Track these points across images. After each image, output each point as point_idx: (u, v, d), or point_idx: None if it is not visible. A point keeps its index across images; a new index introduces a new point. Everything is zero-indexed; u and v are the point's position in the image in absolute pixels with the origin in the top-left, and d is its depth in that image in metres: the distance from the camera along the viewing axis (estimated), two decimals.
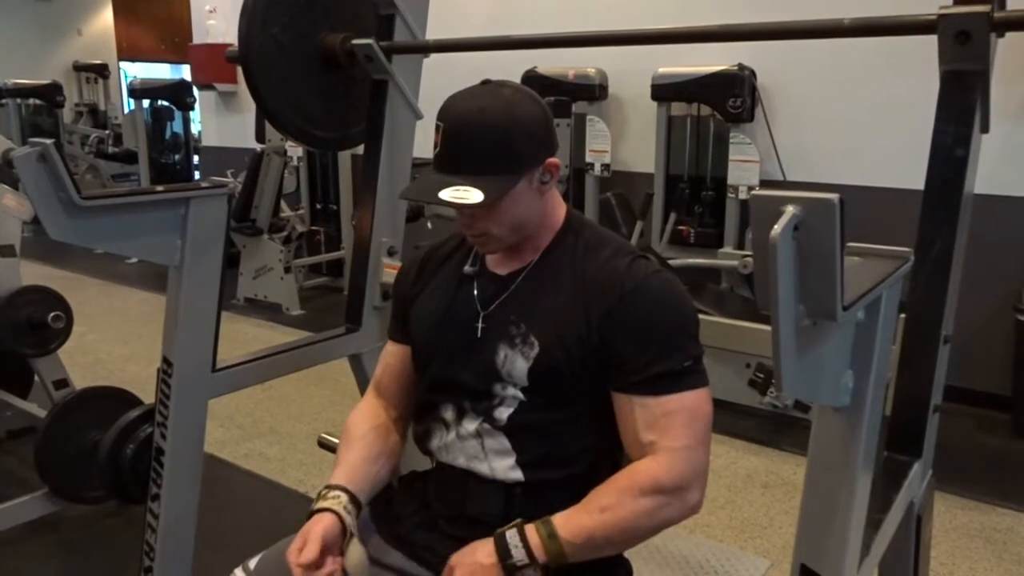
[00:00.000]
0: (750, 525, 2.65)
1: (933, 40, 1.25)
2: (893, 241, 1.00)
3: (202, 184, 1.64)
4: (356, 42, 1.93)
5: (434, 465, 1.31)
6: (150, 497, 1.68)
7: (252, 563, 1.28)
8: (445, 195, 1.14)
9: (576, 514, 1.12)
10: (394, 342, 1.40)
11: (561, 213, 1.28)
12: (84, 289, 5.73)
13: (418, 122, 2.06)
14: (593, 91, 4.21)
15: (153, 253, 1.59)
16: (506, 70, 1.25)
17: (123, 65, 10.92)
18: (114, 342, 4.61)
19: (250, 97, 1.95)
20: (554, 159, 1.21)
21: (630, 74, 4.14)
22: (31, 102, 8.28)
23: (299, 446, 3.24)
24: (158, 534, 1.68)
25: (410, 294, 1.37)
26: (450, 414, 1.26)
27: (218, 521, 2.36)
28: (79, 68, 10.05)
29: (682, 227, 4.06)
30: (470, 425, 1.23)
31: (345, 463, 1.27)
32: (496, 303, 1.25)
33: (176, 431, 1.64)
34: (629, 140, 4.39)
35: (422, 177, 1.23)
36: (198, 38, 6.44)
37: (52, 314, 2.63)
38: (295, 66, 1.97)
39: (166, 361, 1.64)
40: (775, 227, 0.67)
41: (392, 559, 1.27)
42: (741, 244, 3.96)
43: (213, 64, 6.00)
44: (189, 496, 1.71)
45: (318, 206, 5.77)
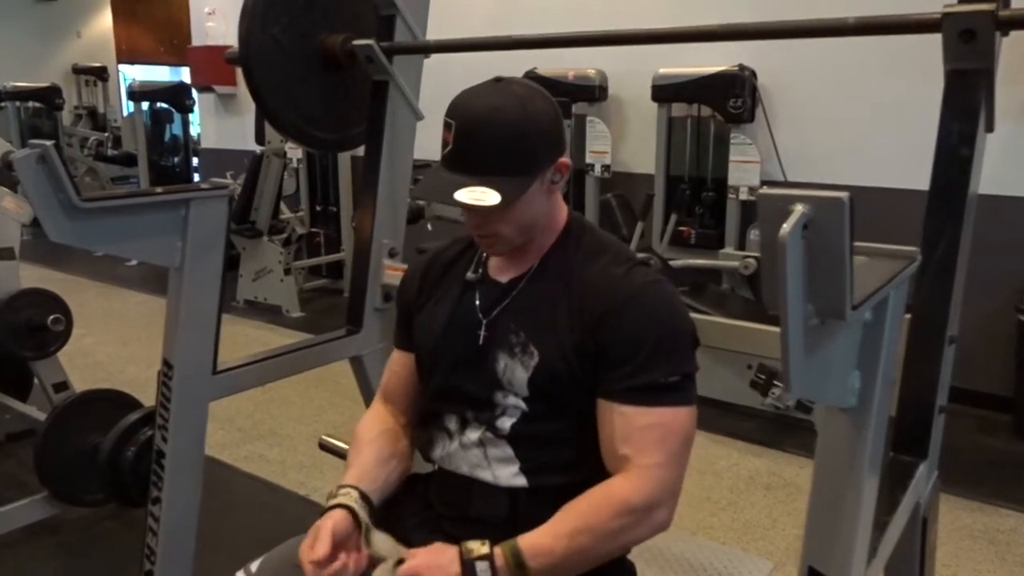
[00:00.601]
0: (753, 527, 2.64)
1: (933, 39, 1.25)
2: (895, 242, 0.99)
3: (202, 186, 1.63)
4: (357, 43, 1.93)
5: (436, 469, 1.31)
6: (151, 500, 1.68)
7: (254, 566, 1.27)
8: (461, 196, 1.12)
9: (543, 538, 1.09)
10: (400, 350, 1.39)
11: (563, 216, 1.26)
12: (83, 292, 5.72)
13: (419, 123, 2.06)
14: (593, 92, 4.21)
15: (153, 255, 1.59)
16: (506, 71, 1.23)
17: (122, 67, 10.90)
18: (114, 345, 4.60)
19: (249, 99, 1.94)
20: (565, 159, 1.19)
21: (630, 75, 4.14)
22: (30, 105, 8.26)
23: (300, 448, 3.24)
24: (159, 537, 1.67)
25: (415, 304, 1.36)
26: (453, 423, 1.25)
27: (219, 524, 2.35)
28: (78, 71, 10.03)
29: (683, 228, 4.05)
30: (473, 434, 1.22)
31: (356, 465, 1.26)
32: (497, 311, 1.24)
33: (177, 434, 1.64)
34: (629, 141, 4.38)
35: (433, 175, 1.19)
36: (197, 40, 6.44)
37: (51, 317, 2.62)
38: (295, 67, 1.96)
39: (166, 363, 1.64)
40: (784, 226, 0.67)
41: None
42: (742, 245, 3.95)
43: (212, 66, 5.99)
44: (190, 499, 1.70)
45: (318, 208, 5.76)
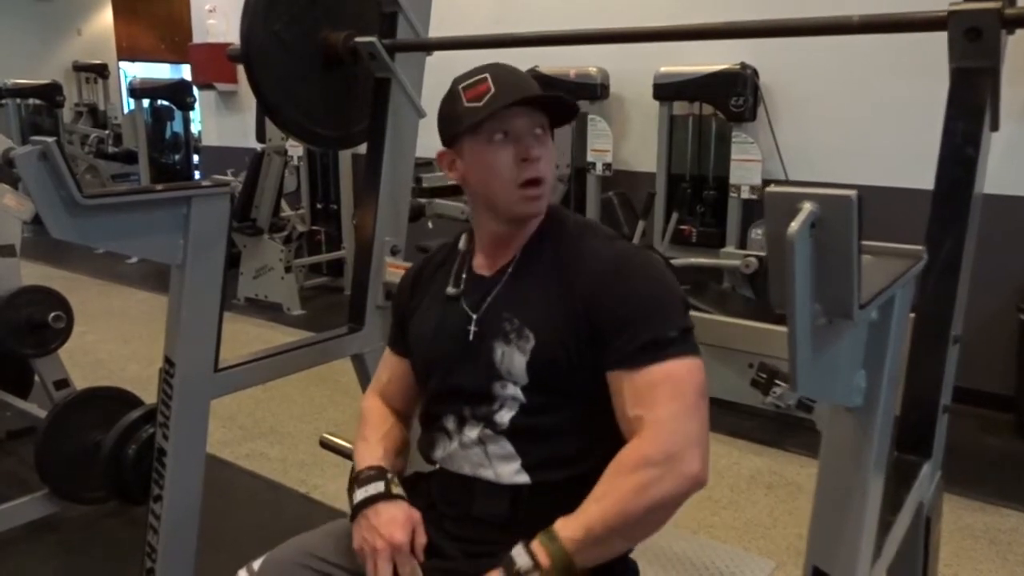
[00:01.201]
0: (754, 526, 2.64)
1: (938, 37, 1.24)
2: (898, 242, 0.99)
3: (204, 183, 1.62)
4: (359, 40, 1.92)
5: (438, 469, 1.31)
6: (152, 498, 1.67)
7: (256, 564, 1.27)
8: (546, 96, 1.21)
9: (575, 516, 1.09)
10: (394, 353, 1.42)
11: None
12: (84, 289, 5.72)
13: (421, 120, 2.05)
14: (595, 90, 4.20)
15: (155, 252, 1.59)
16: None
17: (123, 65, 10.89)
18: (115, 342, 4.60)
19: (250, 96, 1.94)
20: None
21: (632, 73, 4.13)
22: (31, 102, 8.27)
23: (300, 446, 3.23)
24: (160, 535, 1.66)
25: (408, 309, 1.38)
26: (451, 423, 1.26)
27: (220, 522, 2.35)
28: (79, 68, 10.03)
29: (684, 227, 4.05)
30: (472, 432, 1.22)
31: (377, 447, 1.31)
32: (486, 304, 1.25)
33: (178, 431, 1.63)
34: (631, 139, 4.38)
35: (488, 104, 1.18)
36: (198, 37, 6.43)
37: (52, 314, 2.62)
38: (297, 64, 1.96)
39: (168, 361, 1.63)
40: (792, 224, 0.66)
41: None
42: (743, 244, 3.95)
43: (213, 63, 5.99)
44: (191, 497, 1.69)
45: (319, 206, 5.75)
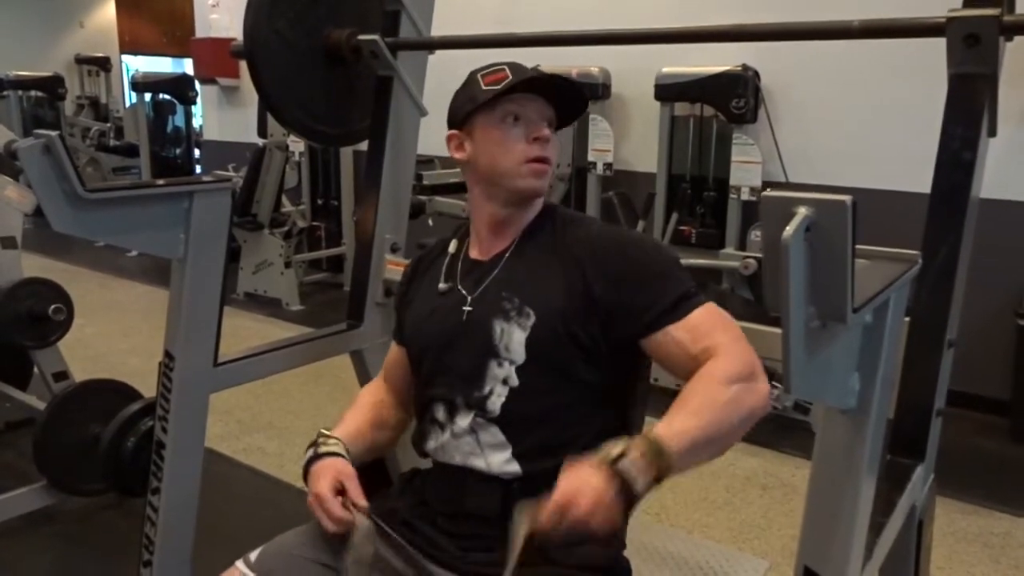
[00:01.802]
0: (748, 526, 2.65)
1: (937, 42, 1.25)
2: (895, 244, 1.00)
3: (206, 178, 1.63)
4: (362, 38, 1.93)
5: (432, 464, 1.32)
6: (150, 490, 1.68)
7: (253, 556, 1.28)
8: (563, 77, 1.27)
9: (672, 422, 1.06)
10: (396, 343, 1.47)
11: (540, 202, 1.34)
12: (84, 282, 5.72)
13: (422, 119, 2.06)
14: (597, 90, 4.20)
15: (156, 246, 1.59)
16: None
17: (125, 58, 10.90)
18: (114, 335, 4.61)
19: (252, 92, 1.95)
20: None
21: (633, 73, 4.14)
22: (33, 94, 8.25)
23: (298, 441, 3.23)
24: (158, 527, 1.67)
25: (404, 300, 1.43)
26: (442, 414, 1.27)
27: (216, 515, 2.35)
28: (81, 61, 10.03)
29: (684, 227, 4.05)
30: (463, 421, 1.23)
31: (351, 422, 1.39)
32: (483, 286, 1.28)
33: (177, 425, 1.64)
34: (632, 139, 4.39)
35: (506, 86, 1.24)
36: (200, 32, 6.44)
37: (53, 306, 2.62)
38: (300, 61, 1.96)
39: (168, 355, 1.64)
40: (787, 228, 0.67)
41: (389, 553, 1.26)
42: (743, 245, 3.95)
43: (215, 58, 5.99)
44: (189, 490, 1.70)
45: (319, 201, 5.76)
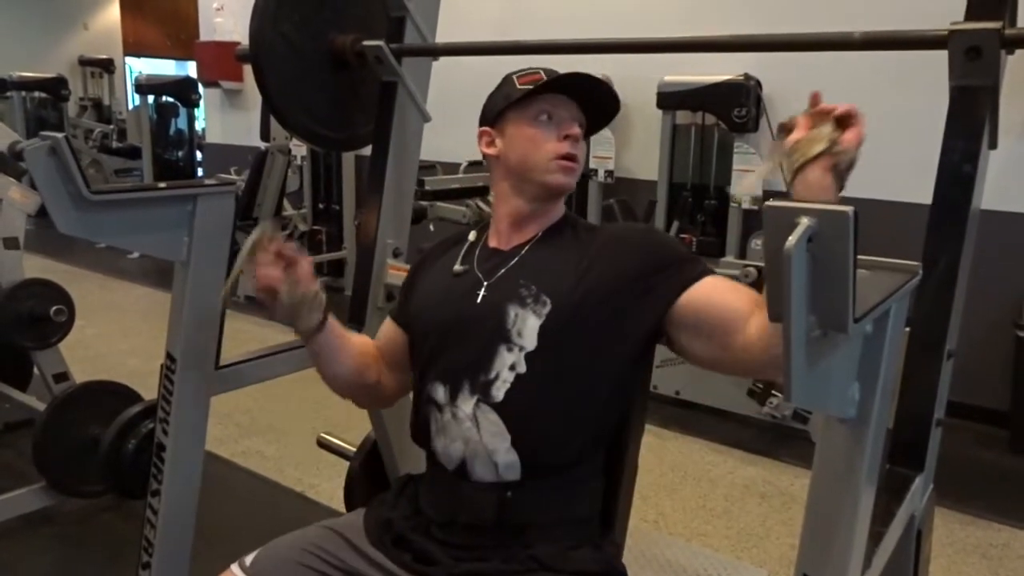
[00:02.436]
0: (747, 535, 2.65)
1: (939, 55, 1.26)
2: (896, 255, 1.00)
3: (210, 181, 1.64)
4: (366, 43, 1.93)
5: (429, 462, 1.31)
6: (150, 492, 1.68)
7: (248, 559, 1.28)
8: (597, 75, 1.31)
9: None
10: (393, 322, 1.45)
11: (562, 207, 1.37)
12: (85, 283, 5.72)
13: (426, 125, 2.06)
14: None
15: (160, 249, 1.60)
16: None
17: (128, 60, 10.93)
18: (115, 337, 4.61)
19: (255, 95, 1.96)
20: None
21: (636, 81, 4.14)
22: (36, 95, 8.28)
23: (297, 444, 3.24)
24: (157, 530, 1.68)
25: (414, 282, 1.43)
26: (441, 394, 1.25)
27: (215, 518, 2.35)
28: (84, 62, 10.04)
29: (684, 235, 4.06)
30: (465, 406, 1.22)
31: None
32: (501, 272, 1.29)
33: (178, 427, 1.64)
34: (633, 147, 4.40)
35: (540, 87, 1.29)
36: (205, 35, 6.46)
37: (54, 307, 2.63)
38: (305, 66, 1.97)
39: (170, 357, 1.64)
40: (790, 238, 0.68)
41: (384, 562, 1.26)
42: (743, 253, 3.96)
43: (219, 61, 6.01)
44: (189, 493, 1.71)
45: (320, 206, 5.77)
